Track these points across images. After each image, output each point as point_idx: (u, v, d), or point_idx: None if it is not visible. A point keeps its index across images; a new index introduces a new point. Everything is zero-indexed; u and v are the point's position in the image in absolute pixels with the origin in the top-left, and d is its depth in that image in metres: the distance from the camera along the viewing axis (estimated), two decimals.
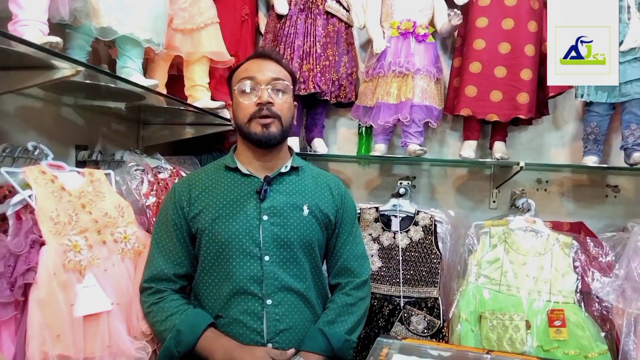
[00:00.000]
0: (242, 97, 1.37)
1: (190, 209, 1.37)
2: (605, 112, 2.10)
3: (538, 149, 2.40)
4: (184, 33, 1.95)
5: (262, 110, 1.34)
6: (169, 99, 1.82)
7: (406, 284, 1.99)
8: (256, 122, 1.35)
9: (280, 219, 1.35)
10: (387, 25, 2.25)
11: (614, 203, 2.34)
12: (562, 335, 1.76)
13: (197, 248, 1.37)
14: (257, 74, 1.36)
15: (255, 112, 1.34)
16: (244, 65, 1.42)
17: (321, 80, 2.19)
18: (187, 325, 1.28)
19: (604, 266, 1.90)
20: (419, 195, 2.45)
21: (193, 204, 1.37)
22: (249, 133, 1.36)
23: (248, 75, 1.37)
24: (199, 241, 1.36)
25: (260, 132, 1.35)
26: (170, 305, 1.32)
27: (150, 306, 1.34)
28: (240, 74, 1.39)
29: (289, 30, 2.23)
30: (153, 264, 1.37)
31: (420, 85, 2.14)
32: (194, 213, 1.36)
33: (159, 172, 1.73)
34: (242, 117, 1.37)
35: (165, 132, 2.24)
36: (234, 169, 1.41)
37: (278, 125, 1.36)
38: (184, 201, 1.38)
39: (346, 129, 2.54)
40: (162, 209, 1.44)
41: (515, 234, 1.97)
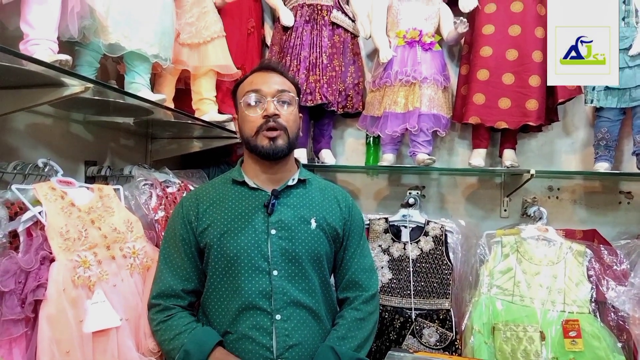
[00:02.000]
0: (248, 110, 1.37)
1: (198, 224, 1.37)
2: (615, 118, 2.08)
3: (549, 156, 2.38)
4: (191, 47, 1.96)
5: (269, 123, 1.34)
6: (177, 113, 1.83)
7: (417, 296, 1.96)
8: (263, 135, 1.34)
9: (288, 232, 1.34)
10: (393, 35, 2.25)
11: (628, 209, 2.31)
12: (577, 346, 1.72)
13: (205, 263, 1.36)
14: (262, 87, 1.36)
15: (261, 124, 1.34)
16: (248, 78, 1.43)
17: (328, 91, 2.20)
18: (195, 344, 1.27)
19: (619, 274, 1.86)
20: (429, 205, 2.43)
21: (201, 218, 1.37)
22: (255, 146, 1.36)
23: (253, 88, 1.37)
24: (207, 256, 1.35)
25: (267, 145, 1.34)
26: (178, 324, 1.31)
27: (158, 324, 1.33)
28: (245, 87, 1.40)
29: (295, 41, 2.24)
30: (161, 279, 1.36)
31: (428, 94, 2.13)
32: (202, 227, 1.36)
33: (167, 187, 1.74)
34: (249, 130, 1.37)
35: (173, 146, 2.25)
36: (242, 182, 1.40)
37: (285, 138, 1.36)
38: (192, 215, 1.38)
39: (354, 140, 2.53)
40: (170, 223, 1.43)
41: (527, 243, 1.95)
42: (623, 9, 2.02)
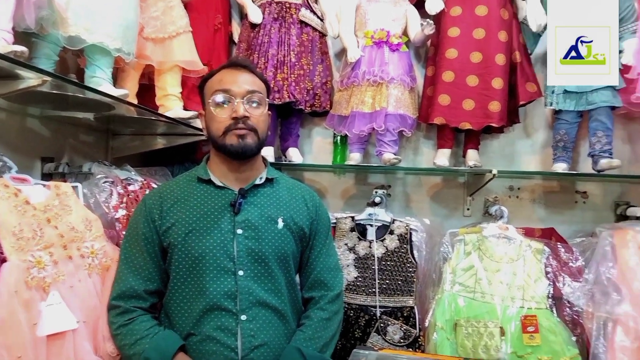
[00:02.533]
0: (216, 110, 1.34)
1: (162, 222, 1.33)
2: (573, 120, 2.15)
3: (510, 157, 2.44)
4: (156, 42, 1.92)
5: (238, 124, 1.32)
6: (140, 109, 1.78)
7: (382, 294, 1.99)
8: (232, 133, 1.32)
9: (255, 232, 1.32)
10: (361, 35, 2.26)
11: (583, 209, 2.40)
12: (535, 340, 1.78)
13: (169, 263, 1.33)
14: (232, 86, 1.34)
15: (230, 125, 1.32)
16: (217, 75, 1.39)
17: (296, 90, 2.19)
18: (156, 351, 1.23)
19: (575, 271, 1.93)
20: (394, 204, 2.46)
21: (165, 217, 1.33)
22: (224, 145, 1.34)
23: (222, 87, 1.34)
24: (171, 256, 1.32)
25: (236, 143, 1.32)
26: (139, 328, 1.27)
27: (118, 328, 1.29)
28: (214, 86, 1.36)
29: (262, 39, 2.22)
30: (122, 280, 1.33)
31: (395, 94, 2.16)
32: (166, 226, 1.33)
33: (129, 184, 1.70)
34: (217, 130, 1.34)
35: (135, 143, 2.20)
36: (207, 180, 1.38)
37: (254, 137, 1.35)
38: (155, 214, 1.34)
39: (321, 138, 2.53)
40: (131, 222, 1.39)
41: (488, 241, 2.00)
42: None
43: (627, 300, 1.79)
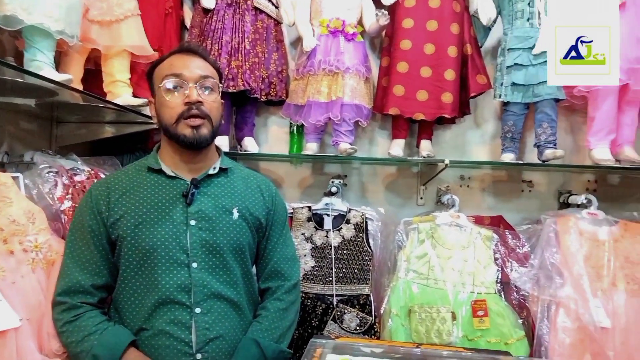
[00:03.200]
0: (167, 96, 1.29)
1: (109, 214, 1.28)
2: (520, 112, 2.24)
3: (461, 147, 2.51)
4: (102, 25, 1.83)
5: (191, 110, 1.27)
6: (86, 96, 1.69)
7: (339, 282, 2.00)
8: (185, 123, 1.28)
9: (209, 223, 1.29)
10: (317, 23, 2.25)
11: (529, 197, 2.50)
12: (484, 324, 1.85)
13: (118, 256, 1.28)
14: (184, 71, 1.29)
15: (183, 111, 1.27)
16: (167, 60, 1.34)
17: (250, 78, 2.15)
18: (105, 348, 1.19)
19: (521, 257, 2.02)
20: (350, 194, 2.48)
21: (112, 208, 1.28)
22: (176, 135, 1.29)
23: (174, 72, 1.29)
24: (120, 249, 1.27)
25: (190, 134, 1.28)
26: (87, 324, 1.22)
27: (64, 325, 1.23)
28: (164, 70, 1.31)
29: (216, 25, 2.16)
30: (67, 274, 1.26)
31: (350, 84, 2.16)
32: (114, 218, 1.27)
33: (75, 174, 1.61)
34: (169, 117, 1.29)
35: (81, 131, 2.09)
36: (158, 170, 1.33)
37: (208, 126, 1.31)
38: (102, 205, 1.28)
39: (277, 128, 2.51)
40: (76, 214, 1.33)
41: (441, 229, 2.05)
42: (527, 10, 2.17)
43: (569, 283, 1.90)
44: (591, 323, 1.82)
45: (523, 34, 2.16)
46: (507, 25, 2.23)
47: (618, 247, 1.98)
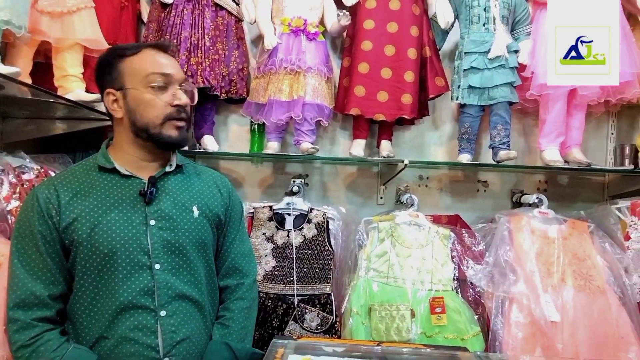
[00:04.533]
0: (156, 94, 1.24)
1: (61, 218, 1.19)
2: (476, 114, 2.30)
3: (420, 148, 2.56)
4: (52, 16, 1.75)
5: (181, 113, 1.26)
6: (35, 90, 1.61)
7: (300, 282, 2.00)
8: (171, 124, 1.25)
9: (170, 222, 1.25)
10: (278, 22, 2.23)
11: (485, 197, 2.58)
12: (442, 321, 1.90)
13: (72, 262, 1.21)
14: (172, 71, 1.26)
15: (171, 112, 1.25)
16: (146, 55, 1.26)
17: (210, 75, 2.11)
18: None
19: (477, 254, 2.09)
20: (312, 193, 2.48)
21: (64, 212, 1.20)
22: (159, 135, 1.24)
23: (162, 70, 1.25)
24: (75, 254, 1.20)
25: (176, 135, 1.26)
26: (45, 349, 1.13)
27: (20, 349, 1.14)
28: (148, 66, 1.25)
29: (174, 20, 2.10)
30: (19, 286, 1.17)
31: (312, 84, 2.16)
32: (66, 223, 1.19)
33: (23, 172, 1.54)
34: (154, 117, 1.24)
35: (30, 127, 1.98)
36: (111, 169, 1.26)
37: (189, 128, 1.32)
38: (51, 209, 1.20)
39: (238, 126, 2.47)
40: (21, 218, 1.22)
41: (400, 228, 2.09)
42: (483, 15, 2.24)
43: (522, 280, 1.97)
44: (542, 318, 1.90)
45: (479, 39, 2.23)
46: (464, 30, 2.29)
47: (567, 244, 2.08)
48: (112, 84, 1.27)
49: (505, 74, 2.20)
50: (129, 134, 1.27)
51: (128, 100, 1.26)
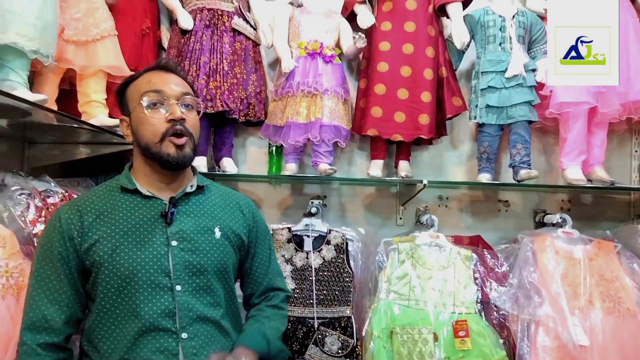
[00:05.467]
0: (149, 113, 1.23)
1: (82, 239, 1.20)
2: (495, 133, 2.29)
3: (438, 168, 2.54)
4: (78, 45, 1.81)
5: (176, 127, 1.23)
6: (60, 116, 1.66)
7: (320, 305, 1.98)
8: (169, 141, 1.23)
9: (191, 243, 1.25)
10: (295, 45, 2.27)
11: (506, 216, 2.54)
12: (466, 345, 1.85)
13: (92, 284, 1.20)
14: (164, 87, 1.25)
15: (167, 129, 1.22)
16: (144, 77, 1.28)
17: (229, 98, 2.14)
18: None
19: (500, 276, 2.04)
20: (330, 214, 2.47)
21: (86, 233, 1.20)
22: (159, 154, 1.23)
23: (154, 88, 1.24)
24: (96, 276, 1.19)
25: (174, 153, 1.23)
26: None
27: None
28: (142, 87, 1.26)
29: (194, 46, 2.15)
30: (33, 308, 1.17)
31: (329, 106, 2.18)
32: (88, 244, 1.19)
33: (48, 196, 1.57)
34: (151, 135, 1.23)
35: (55, 152, 2.03)
36: (133, 190, 1.26)
37: (191, 144, 1.27)
38: (73, 231, 1.20)
39: (256, 148, 2.50)
40: (44, 239, 1.23)
41: (421, 249, 2.06)
42: (499, 35, 2.25)
43: (547, 302, 1.92)
44: (570, 341, 1.84)
45: (495, 58, 2.23)
46: (480, 49, 2.29)
47: (593, 265, 2.02)
48: (123, 110, 1.31)
49: (524, 93, 2.19)
50: (140, 156, 1.29)
51: (132, 124, 1.28)
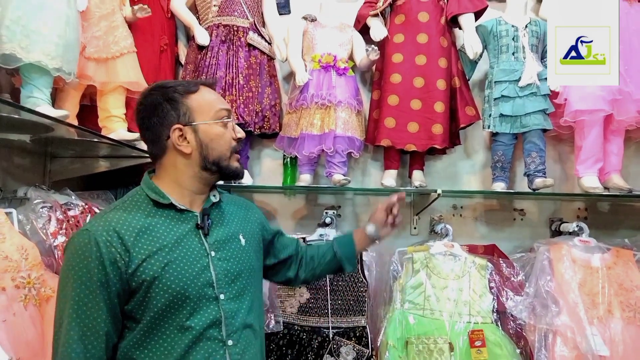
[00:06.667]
0: (226, 130, 1.30)
1: (130, 260, 1.14)
2: (509, 142, 2.28)
3: (453, 177, 2.54)
4: (98, 62, 1.87)
5: (240, 145, 1.34)
6: (81, 131, 1.71)
7: (334, 314, 1.98)
8: (235, 156, 1.32)
9: (226, 252, 1.28)
10: (309, 58, 2.30)
11: (521, 225, 2.52)
12: (482, 355, 1.83)
13: (139, 304, 1.16)
14: (229, 107, 1.34)
15: (235, 146, 1.31)
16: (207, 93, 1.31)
17: (244, 112, 2.18)
18: None
19: (516, 285, 2.02)
20: (344, 224, 2.49)
21: (132, 253, 1.15)
22: (228, 167, 1.29)
23: (226, 106, 1.32)
24: (144, 295, 1.16)
25: (239, 167, 1.33)
26: None
27: None
28: (216, 103, 1.30)
29: (210, 61, 2.20)
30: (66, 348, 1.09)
31: (342, 117, 2.20)
32: (136, 264, 1.15)
33: (69, 209, 1.61)
34: (225, 150, 1.29)
35: (76, 166, 2.09)
36: (167, 204, 1.24)
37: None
38: (115, 254, 1.13)
39: (271, 160, 2.53)
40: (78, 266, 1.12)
41: (435, 258, 2.06)
42: (512, 45, 2.25)
43: (565, 311, 1.90)
44: (589, 351, 1.81)
45: (509, 67, 2.23)
46: (493, 59, 2.30)
47: (611, 274, 2.00)
48: (178, 120, 1.25)
49: (538, 102, 2.19)
50: (194, 168, 1.27)
51: (200, 135, 1.26)
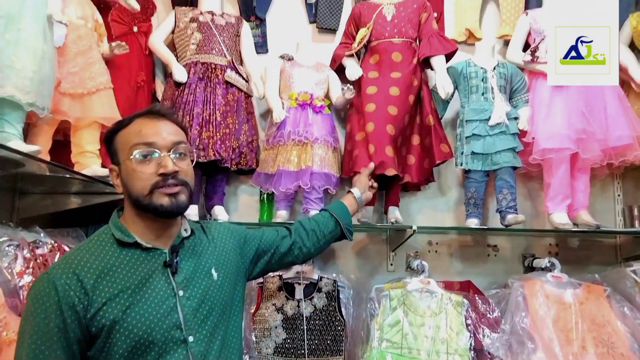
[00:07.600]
0: (139, 166, 1.18)
1: (89, 304, 1.08)
2: (481, 179, 2.34)
3: (427, 214, 2.57)
4: (74, 97, 1.85)
5: (167, 180, 1.18)
6: (53, 166, 1.67)
7: (311, 355, 1.94)
8: (160, 192, 1.17)
9: (195, 290, 1.20)
10: (286, 96, 2.34)
11: (495, 261, 2.55)
12: None
13: (100, 350, 1.10)
14: (156, 139, 1.19)
15: (157, 182, 1.17)
16: (133, 126, 1.22)
17: (221, 148, 2.18)
18: None
19: (492, 322, 2.03)
20: (321, 261, 2.47)
21: (91, 297, 1.09)
22: (150, 205, 1.17)
23: (144, 140, 1.18)
24: (105, 340, 1.10)
25: (168, 203, 1.17)
26: None
27: None
28: (132, 138, 1.19)
29: (187, 97, 2.21)
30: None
31: (319, 154, 2.23)
32: (95, 308, 1.09)
33: (37, 247, 1.55)
34: (140, 188, 1.17)
35: (46, 202, 2.03)
36: (132, 243, 1.19)
37: (186, 192, 1.21)
38: (73, 297, 1.08)
39: (247, 196, 2.52)
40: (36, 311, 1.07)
41: (412, 295, 2.05)
42: (482, 85, 2.34)
43: (540, 348, 1.91)
44: None
45: (479, 107, 2.31)
46: (464, 99, 2.38)
47: (584, 309, 2.03)
48: (112, 159, 1.24)
49: (507, 140, 2.26)
50: (132, 207, 1.22)
51: (122, 174, 1.22)
